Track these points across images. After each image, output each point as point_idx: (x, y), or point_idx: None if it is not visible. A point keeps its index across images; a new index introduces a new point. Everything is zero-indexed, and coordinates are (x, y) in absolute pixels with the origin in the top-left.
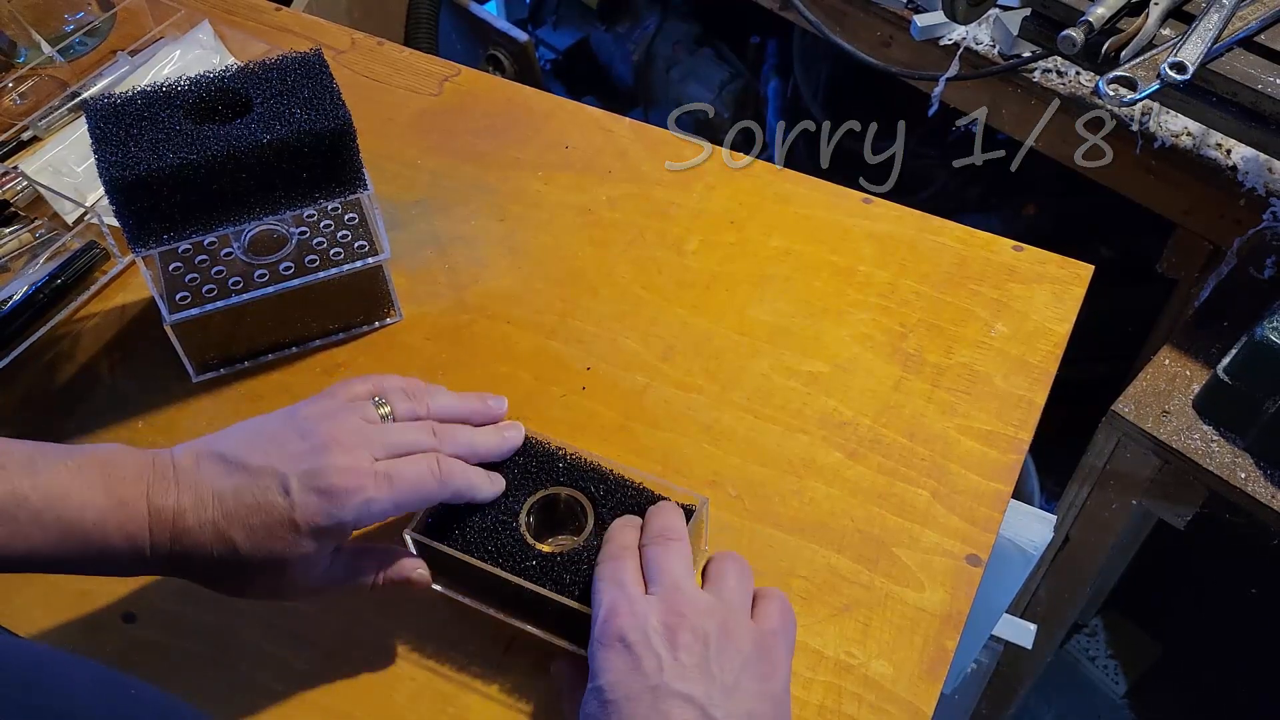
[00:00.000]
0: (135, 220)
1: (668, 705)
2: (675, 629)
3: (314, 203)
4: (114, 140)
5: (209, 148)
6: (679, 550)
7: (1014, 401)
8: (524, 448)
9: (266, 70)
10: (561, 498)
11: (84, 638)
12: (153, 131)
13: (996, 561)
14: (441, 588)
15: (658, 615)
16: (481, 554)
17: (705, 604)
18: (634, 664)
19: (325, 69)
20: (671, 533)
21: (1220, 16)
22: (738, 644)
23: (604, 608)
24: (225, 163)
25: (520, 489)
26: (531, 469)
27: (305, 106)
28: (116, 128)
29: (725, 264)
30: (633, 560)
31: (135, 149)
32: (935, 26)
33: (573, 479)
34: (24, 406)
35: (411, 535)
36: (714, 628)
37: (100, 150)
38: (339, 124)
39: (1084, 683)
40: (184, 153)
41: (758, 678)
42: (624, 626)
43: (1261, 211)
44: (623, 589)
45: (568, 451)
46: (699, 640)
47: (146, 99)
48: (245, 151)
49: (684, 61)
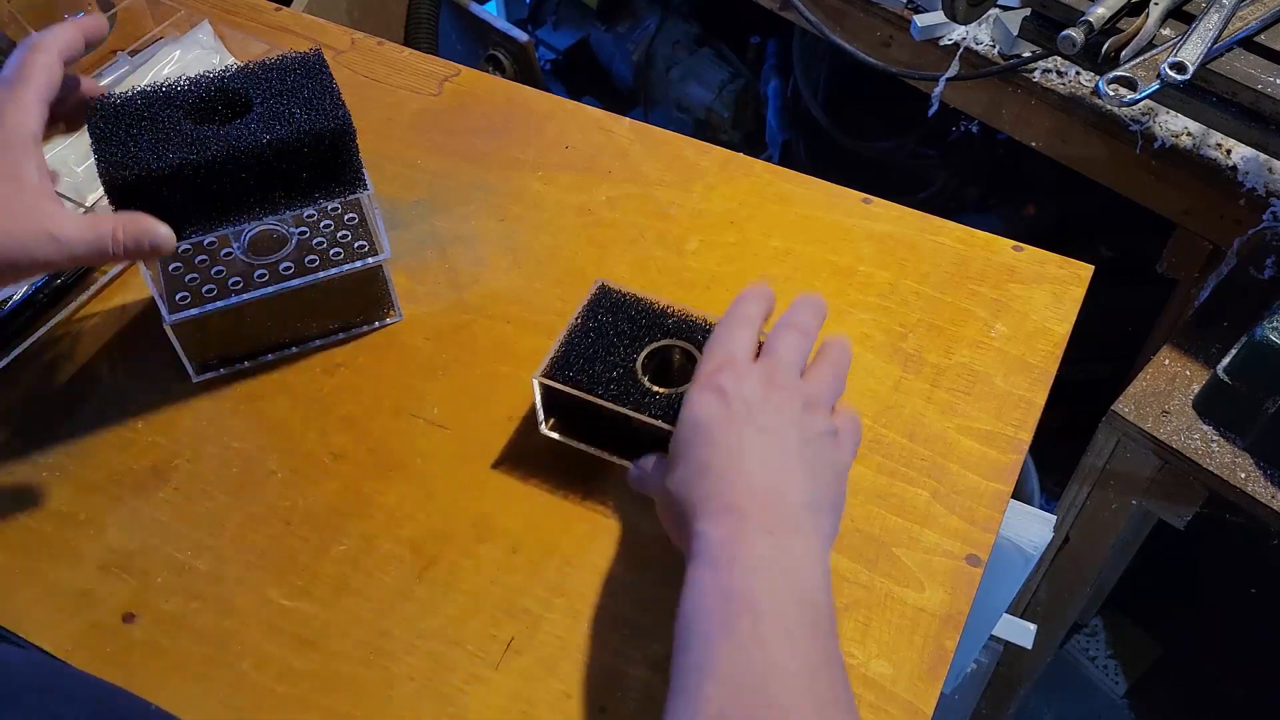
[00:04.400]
0: None
1: (751, 432)
2: (769, 396)
3: (314, 202)
4: (114, 140)
5: (208, 148)
6: (800, 343)
7: (1014, 401)
8: (636, 306)
9: (266, 70)
10: (674, 351)
11: (84, 638)
12: (153, 131)
13: (996, 561)
14: (559, 435)
15: (759, 380)
16: (606, 395)
17: (802, 391)
18: (724, 406)
19: (325, 69)
20: (801, 326)
21: (1220, 16)
22: (817, 425)
23: (711, 360)
24: (225, 163)
25: (634, 343)
26: (643, 323)
27: (305, 106)
28: (117, 128)
29: (725, 264)
30: (750, 330)
31: (135, 149)
32: (935, 26)
33: (680, 333)
34: (24, 406)
35: (539, 380)
36: (800, 407)
37: (100, 150)
38: (339, 124)
39: (1084, 683)
40: (184, 153)
41: (830, 448)
42: (724, 381)
43: (1261, 211)
44: (731, 353)
45: (675, 309)
46: (788, 407)
47: (146, 99)
48: (245, 152)
49: (684, 61)
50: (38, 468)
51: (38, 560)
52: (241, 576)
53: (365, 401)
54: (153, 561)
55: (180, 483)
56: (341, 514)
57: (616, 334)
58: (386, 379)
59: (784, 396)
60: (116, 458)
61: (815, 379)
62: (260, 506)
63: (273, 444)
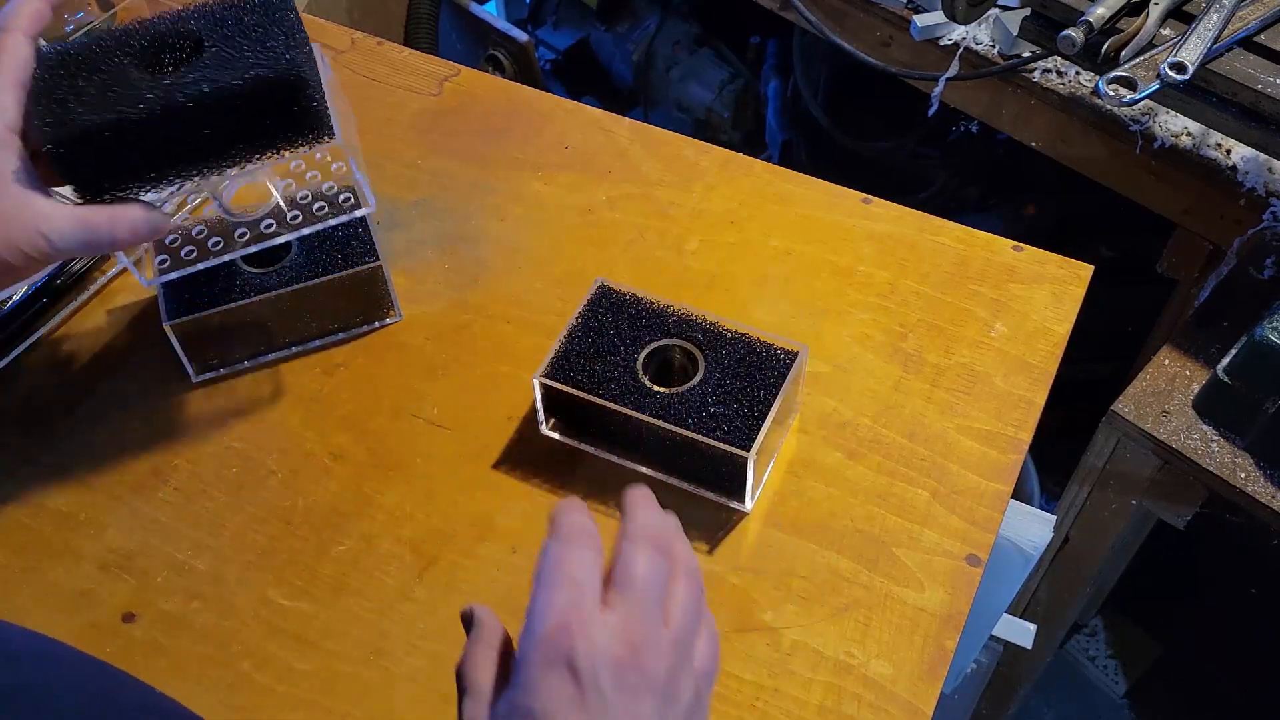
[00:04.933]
0: (82, 182)
1: None
2: (628, 667)
3: (277, 152)
4: (54, 95)
5: (146, 100)
6: (660, 565)
7: (1014, 401)
8: (636, 305)
9: (223, 8)
10: (674, 351)
11: (84, 638)
12: (98, 82)
13: (996, 561)
14: (560, 435)
15: (617, 640)
16: (606, 395)
17: (664, 641)
18: (578, 699)
19: (287, 6)
20: (654, 534)
21: (1220, 16)
22: (681, 693)
23: (552, 613)
24: (166, 116)
25: (634, 343)
26: (643, 323)
27: (259, 48)
28: (59, 80)
29: (725, 264)
30: (593, 554)
31: (74, 105)
32: (935, 26)
33: (680, 333)
34: (24, 406)
35: (539, 380)
36: (664, 672)
37: (38, 106)
38: (291, 68)
39: (1084, 683)
40: (123, 108)
41: (696, 710)
42: (575, 650)
43: (1261, 211)
44: (579, 592)
45: (675, 309)
46: (650, 688)
47: (93, 46)
48: (186, 102)
49: (684, 61)
50: (38, 468)
51: (38, 560)
52: (241, 576)
53: (365, 402)
54: (153, 561)
55: (180, 483)
56: (341, 514)
57: (616, 334)
58: (386, 379)
59: (651, 661)
60: (116, 458)
61: (679, 611)
62: (260, 506)
63: (273, 444)
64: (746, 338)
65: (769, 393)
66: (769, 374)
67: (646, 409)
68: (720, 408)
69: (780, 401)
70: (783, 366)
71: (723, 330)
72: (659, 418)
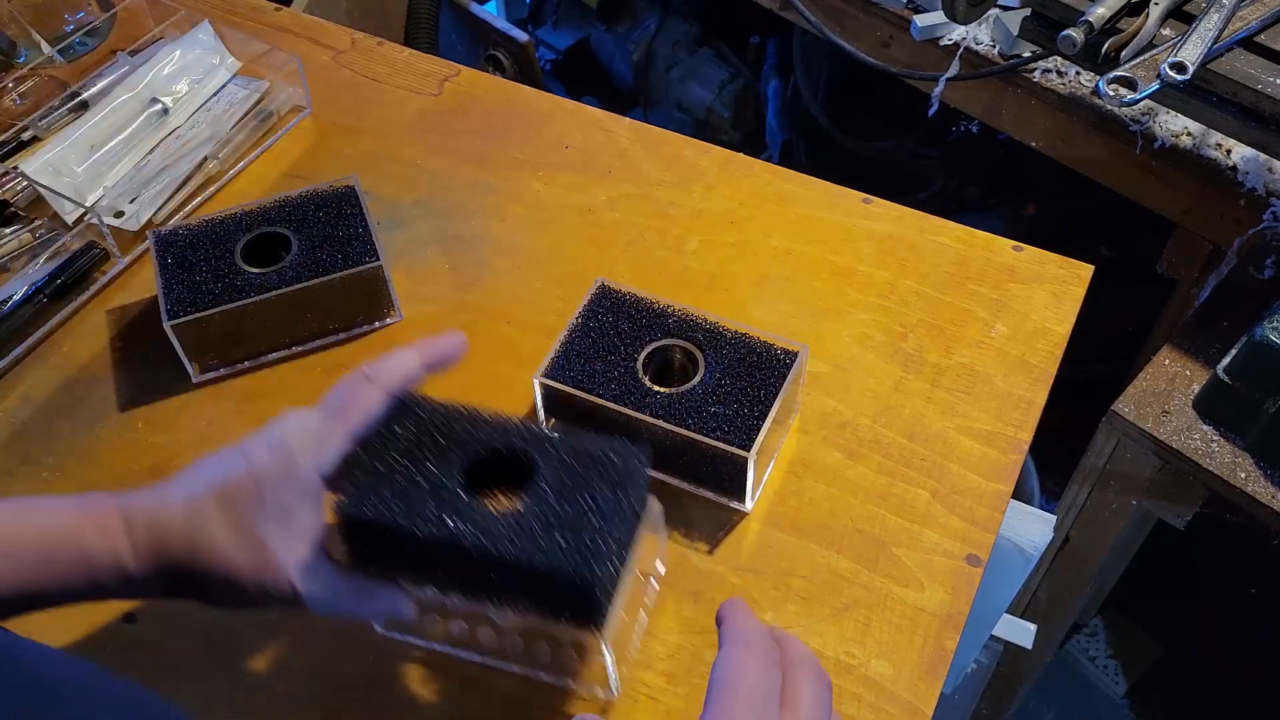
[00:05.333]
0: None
1: None
2: None
3: (542, 620)
4: (374, 468)
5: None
6: (824, 697)
7: (1014, 401)
8: (636, 305)
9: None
10: (674, 351)
11: (84, 638)
12: (416, 491)
13: (996, 561)
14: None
15: None
16: (606, 394)
17: None
18: None
19: (641, 497)
20: (813, 663)
21: (1220, 16)
22: None
23: None
24: (448, 548)
25: (634, 342)
26: (643, 323)
27: (584, 543)
28: (389, 457)
29: (725, 264)
30: (772, 667)
31: (385, 490)
32: (935, 26)
33: (681, 333)
34: (24, 406)
35: (540, 380)
36: None
37: (357, 469)
38: (592, 584)
39: (1084, 683)
40: (419, 521)
41: None
42: None
43: (1261, 211)
44: (767, 710)
45: (675, 309)
46: None
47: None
48: (479, 550)
49: (684, 61)
50: (38, 468)
51: None
52: None
53: None
54: None
55: None
56: None
57: (617, 334)
58: None
59: None
60: (116, 458)
61: None
62: None
63: None
64: (746, 338)
65: (769, 393)
66: (769, 374)
67: (647, 409)
68: (720, 408)
69: (780, 401)
70: (783, 366)
71: (723, 330)
72: (659, 418)
